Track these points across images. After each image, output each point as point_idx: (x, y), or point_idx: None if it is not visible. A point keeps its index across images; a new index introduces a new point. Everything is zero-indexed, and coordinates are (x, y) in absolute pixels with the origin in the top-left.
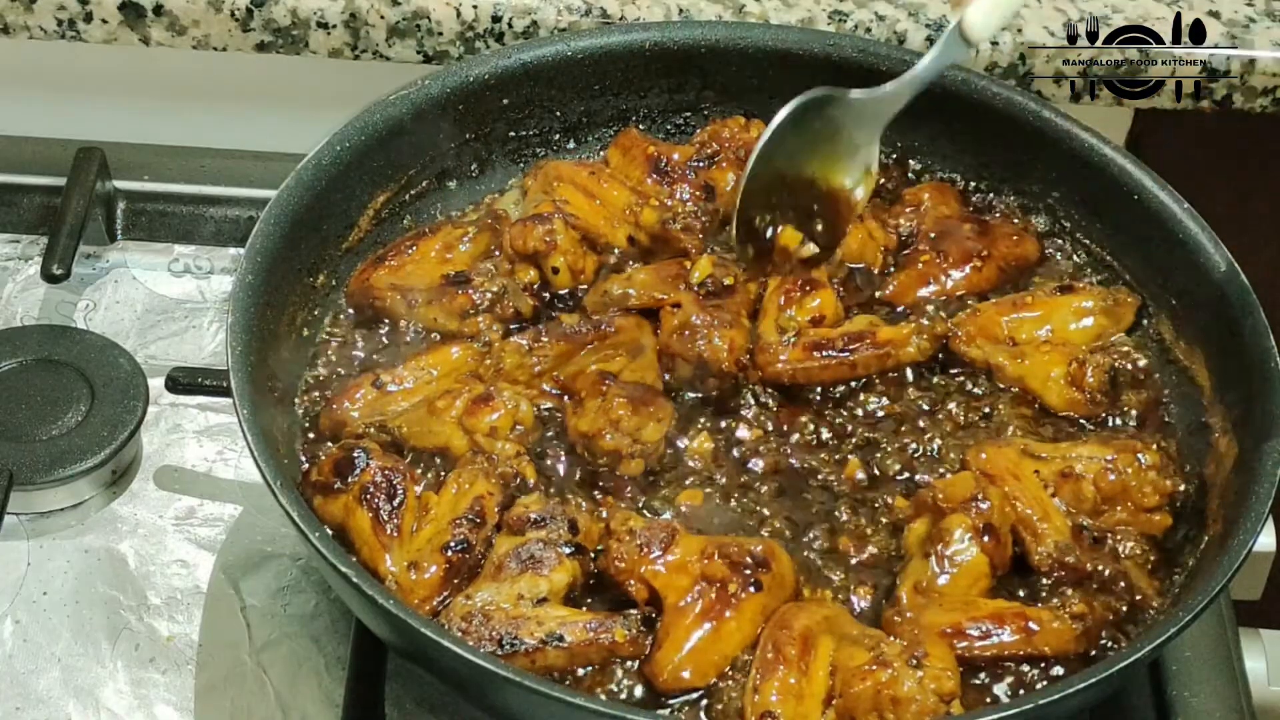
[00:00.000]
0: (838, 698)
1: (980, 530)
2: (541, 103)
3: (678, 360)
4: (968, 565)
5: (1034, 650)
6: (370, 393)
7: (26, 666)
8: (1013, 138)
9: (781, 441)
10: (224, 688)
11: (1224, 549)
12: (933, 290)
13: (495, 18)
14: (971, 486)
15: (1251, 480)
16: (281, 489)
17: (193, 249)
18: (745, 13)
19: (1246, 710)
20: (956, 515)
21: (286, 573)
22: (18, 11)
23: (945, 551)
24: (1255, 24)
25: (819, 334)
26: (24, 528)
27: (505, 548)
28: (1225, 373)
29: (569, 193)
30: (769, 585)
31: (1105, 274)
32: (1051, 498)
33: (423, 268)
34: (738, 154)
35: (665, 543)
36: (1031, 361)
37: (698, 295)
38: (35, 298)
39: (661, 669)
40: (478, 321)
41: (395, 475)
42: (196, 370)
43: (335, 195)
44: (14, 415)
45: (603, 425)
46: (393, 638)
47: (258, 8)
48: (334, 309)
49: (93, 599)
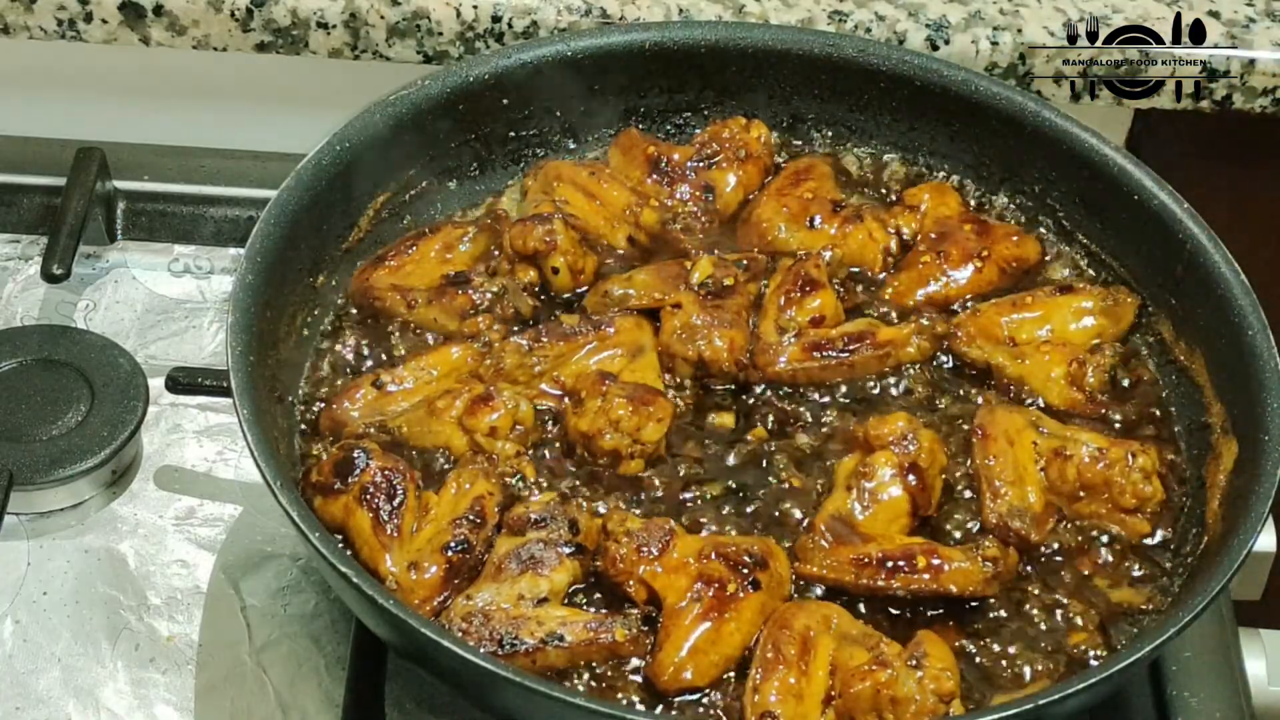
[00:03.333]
0: (837, 698)
1: (905, 469)
2: (541, 103)
3: (678, 360)
4: (888, 503)
5: (941, 588)
6: (370, 393)
7: (26, 666)
8: (1013, 138)
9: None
10: (224, 688)
11: (1224, 549)
12: (933, 291)
13: (495, 18)
14: (903, 426)
15: (1251, 480)
16: (281, 489)
17: (193, 249)
18: (745, 13)
19: (1246, 710)
20: (883, 452)
21: (286, 573)
22: (18, 11)
23: (867, 486)
24: (1255, 24)
25: (819, 334)
26: (24, 528)
27: (505, 548)
28: (1225, 373)
29: (569, 193)
30: (767, 584)
31: (1105, 274)
32: (1040, 471)
33: (423, 268)
34: (738, 154)
35: (663, 543)
36: (1031, 361)
37: (698, 295)
38: (35, 298)
39: (663, 669)
40: (478, 321)
41: (395, 475)
42: (196, 370)
43: (335, 195)
44: (14, 415)
45: (603, 425)
46: (393, 638)
47: (258, 8)
48: (334, 309)
49: (93, 599)
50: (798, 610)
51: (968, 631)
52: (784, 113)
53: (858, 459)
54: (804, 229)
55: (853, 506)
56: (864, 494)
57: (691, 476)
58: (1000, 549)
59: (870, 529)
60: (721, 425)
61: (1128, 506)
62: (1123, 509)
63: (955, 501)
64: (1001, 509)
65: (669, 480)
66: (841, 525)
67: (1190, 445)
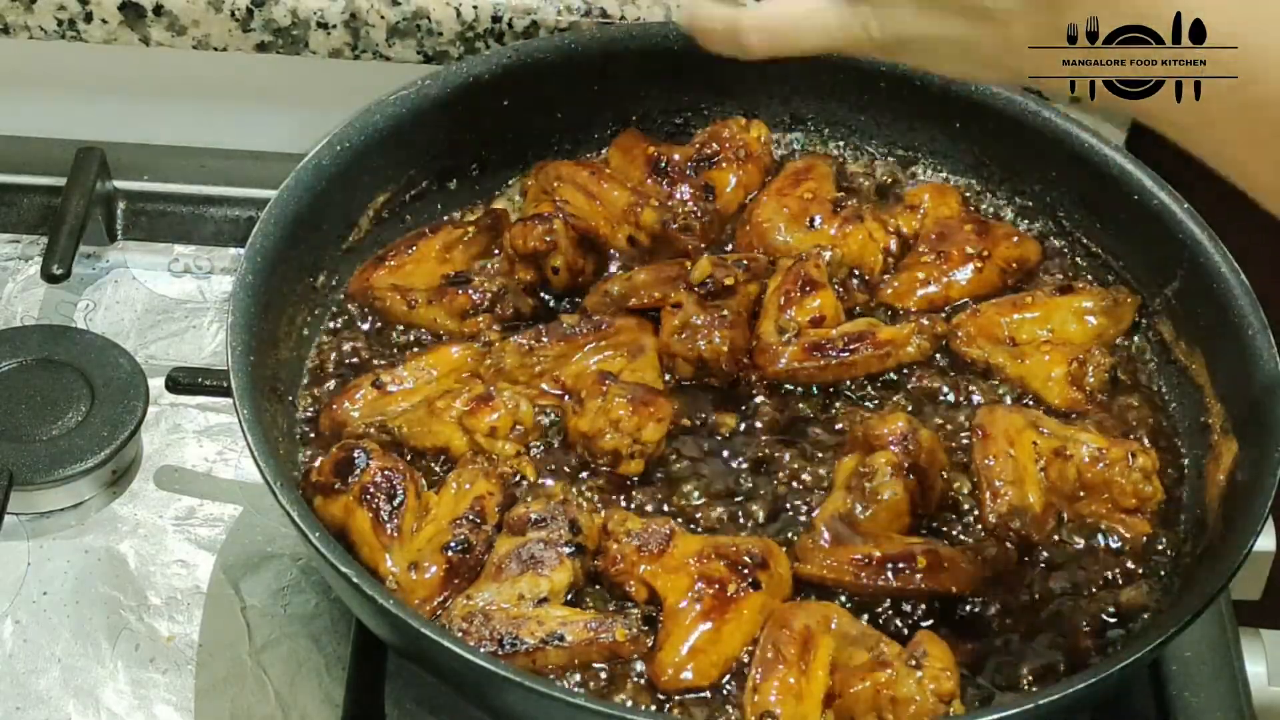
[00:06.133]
0: (837, 698)
1: (904, 468)
2: (541, 103)
3: (678, 360)
4: (888, 503)
5: (941, 588)
6: (370, 393)
7: (26, 666)
8: (1013, 138)
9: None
10: (224, 688)
11: (1224, 549)
12: (933, 291)
13: (495, 18)
14: (903, 426)
15: (1251, 480)
16: (281, 489)
17: (193, 249)
18: None
19: (1246, 710)
20: (883, 451)
21: (286, 573)
22: (18, 11)
23: (867, 486)
24: None
25: (819, 334)
26: (24, 528)
27: (506, 548)
28: (1225, 373)
29: (569, 193)
30: (767, 584)
31: (1105, 274)
32: (1040, 471)
33: (423, 268)
34: (738, 154)
35: (663, 543)
36: (1032, 361)
37: (698, 295)
38: (35, 298)
39: (663, 670)
40: (478, 321)
41: (395, 475)
42: (196, 370)
43: (335, 195)
44: (14, 415)
45: (603, 425)
46: (393, 638)
47: (258, 8)
48: (334, 309)
49: (93, 599)
50: (798, 610)
51: (967, 631)
52: (784, 113)
53: (858, 459)
54: (804, 229)
55: (853, 506)
56: (864, 494)
57: (692, 476)
58: (1000, 549)
59: (870, 529)
60: (722, 425)
61: (1128, 506)
62: (1123, 509)
63: (955, 501)
64: (1001, 509)
65: (669, 480)
66: (841, 525)
67: (1190, 445)
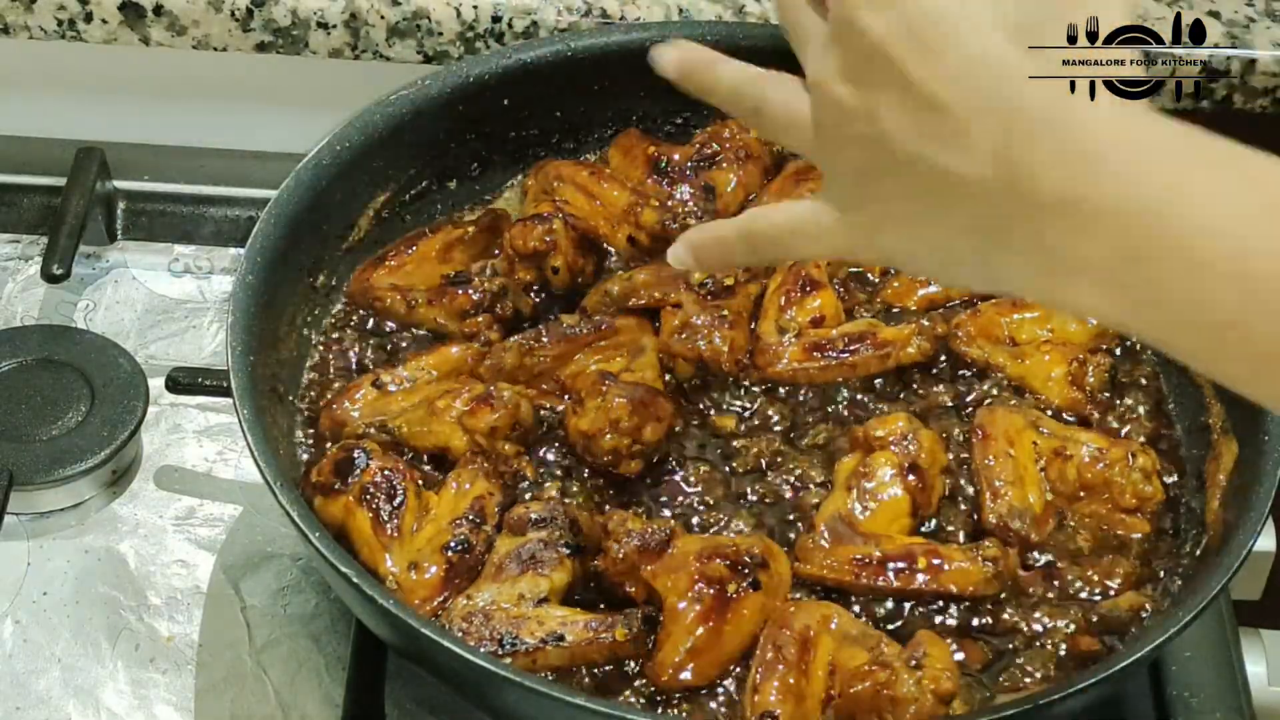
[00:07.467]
0: (837, 698)
1: (905, 469)
2: (541, 103)
3: (678, 360)
4: (888, 503)
5: (941, 588)
6: (370, 393)
7: (26, 667)
8: None
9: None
10: (224, 688)
11: (1224, 549)
12: (933, 291)
13: (495, 18)
14: (903, 426)
15: (1251, 480)
16: (281, 489)
17: (193, 249)
18: (745, 13)
19: (1246, 710)
20: (883, 452)
21: (286, 573)
22: (18, 11)
23: (868, 486)
24: (1255, 24)
25: (819, 335)
26: (24, 528)
27: (506, 548)
28: None
29: (569, 193)
30: (767, 584)
31: None
32: (1040, 471)
33: (423, 268)
34: (738, 154)
35: (663, 543)
36: (1032, 361)
37: (698, 295)
38: (35, 298)
39: (662, 670)
40: (478, 321)
41: (395, 475)
42: (196, 370)
43: (335, 195)
44: (14, 415)
45: (603, 425)
46: (393, 638)
47: (258, 8)
48: (334, 309)
49: (93, 599)
50: (798, 610)
51: (968, 631)
52: None
53: (858, 459)
54: None
55: (853, 506)
56: (864, 494)
57: (692, 477)
58: (1000, 549)
59: (870, 529)
60: (722, 425)
61: (1128, 506)
62: (1123, 509)
63: (955, 501)
64: (1001, 509)
65: (669, 480)
66: (842, 525)
67: (1190, 445)
